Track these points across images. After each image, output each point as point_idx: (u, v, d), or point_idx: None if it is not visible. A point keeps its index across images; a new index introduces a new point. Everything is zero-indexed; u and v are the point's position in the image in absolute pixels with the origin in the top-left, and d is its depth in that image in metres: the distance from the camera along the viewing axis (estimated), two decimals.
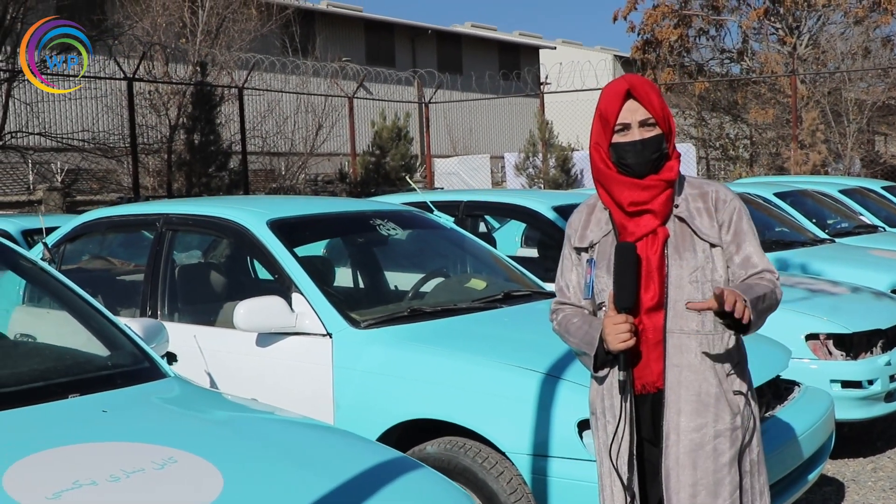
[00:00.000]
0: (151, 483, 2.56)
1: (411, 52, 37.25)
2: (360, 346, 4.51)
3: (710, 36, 28.46)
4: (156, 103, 18.42)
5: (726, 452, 2.93)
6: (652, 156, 2.93)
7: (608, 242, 3.01)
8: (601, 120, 2.98)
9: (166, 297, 5.21)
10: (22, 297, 5.18)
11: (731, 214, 2.98)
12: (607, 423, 3.02)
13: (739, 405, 2.97)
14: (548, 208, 7.05)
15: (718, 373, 2.93)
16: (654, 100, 2.94)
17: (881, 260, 8.81)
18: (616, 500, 3.02)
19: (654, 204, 2.93)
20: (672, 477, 2.93)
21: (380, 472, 2.87)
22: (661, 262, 2.92)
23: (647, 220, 2.94)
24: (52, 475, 2.52)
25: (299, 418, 3.50)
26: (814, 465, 4.87)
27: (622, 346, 2.85)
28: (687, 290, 2.91)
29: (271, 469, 2.78)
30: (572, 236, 3.13)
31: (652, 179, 2.93)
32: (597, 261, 3.02)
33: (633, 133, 2.93)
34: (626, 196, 2.94)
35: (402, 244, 5.82)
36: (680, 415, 2.92)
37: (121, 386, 3.35)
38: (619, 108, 2.94)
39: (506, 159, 22.45)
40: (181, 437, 2.95)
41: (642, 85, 2.96)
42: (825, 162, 18.83)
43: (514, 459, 4.02)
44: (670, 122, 2.99)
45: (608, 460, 3.00)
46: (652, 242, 2.92)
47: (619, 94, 2.95)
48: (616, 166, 2.97)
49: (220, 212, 5.25)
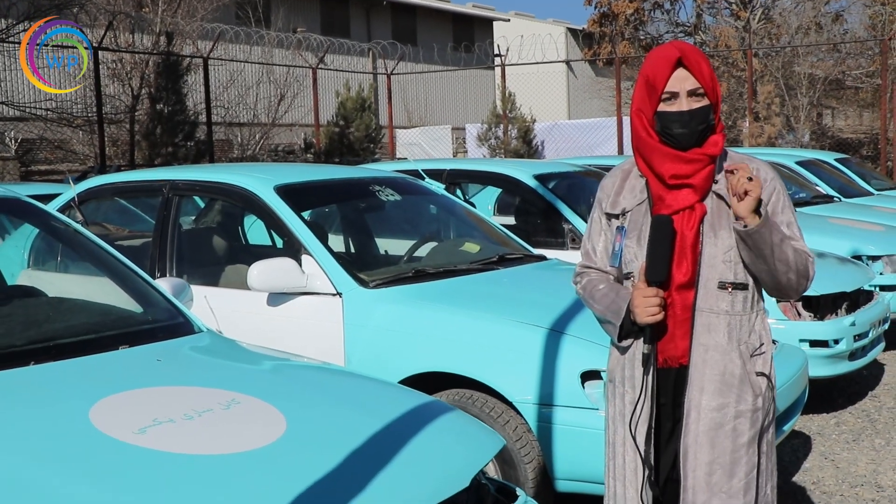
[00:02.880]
0: (221, 421, 2.81)
1: (366, 23, 37.13)
2: (370, 304, 4.76)
3: (665, 10, 28.86)
4: (119, 73, 18.37)
5: (745, 433, 2.89)
6: (699, 127, 2.81)
7: (641, 212, 2.93)
8: (647, 86, 2.84)
9: (174, 260, 5.41)
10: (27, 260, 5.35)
11: (770, 194, 2.88)
12: (625, 393, 2.96)
13: (762, 387, 2.92)
14: (529, 176, 7.33)
15: (743, 354, 2.88)
16: (705, 69, 2.82)
17: (840, 227, 9.23)
18: (628, 470, 2.96)
19: (695, 178, 2.83)
20: (690, 454, 2.89)
21: (420, 412, 3.14)
22: (697, 238, 2.84)
23: (685, 195, 2.84)
24: (132, 414, 2.76)
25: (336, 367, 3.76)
26: (789, 417, 5.20)
27: (650, 319, 2.80)
28: (719, 269, 2.84)
29: (327, 410, 3.04)
30: (604, 201, 3.02)
31: (695, 153, 2.82)
32: (628, 229, 2.93)
33: (681, 102, 2.80)
34: (668, 168, 2.83)
35: (398, 209, 6.06)
36: (702, 393, 2.87)
37: (163, 339, 3.58)
38: (667, 76, 2.80)
39: (467, 130, 22.69)
40: (237, 381, 3.20)
41: (693, 53, 2.82)
42: (780, 134, 19.30)
43: (520, 409, 4.31)
44: (717, 92, 2.87)
45: (623, 429, 2.96)
46: (689, 218, 2.84)
47: (669, 60, 2.81)
48: (659, 135, 2.85)
49: (227, 178, 5.46)
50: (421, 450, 2.92)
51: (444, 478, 2.84)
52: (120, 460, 2.49)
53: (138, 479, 2.42)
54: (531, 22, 43.49)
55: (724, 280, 2.84)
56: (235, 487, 2.47)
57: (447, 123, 27.02)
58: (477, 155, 20.54)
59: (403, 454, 2.84)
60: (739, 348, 2.87)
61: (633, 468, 2.95)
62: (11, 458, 2.42)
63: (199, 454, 2.58)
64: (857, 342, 6.70)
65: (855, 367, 6.79)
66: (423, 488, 2.76)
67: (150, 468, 2.47)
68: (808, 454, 5.97)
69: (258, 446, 2.67)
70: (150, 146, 15.98)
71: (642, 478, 2.93)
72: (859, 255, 8.37)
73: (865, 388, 7.40)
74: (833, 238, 8.49)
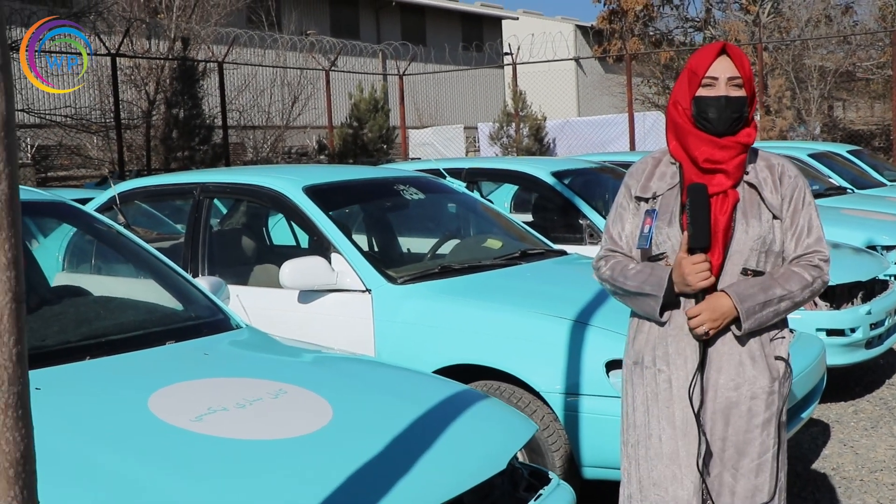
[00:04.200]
0: (272, 410, 2.96)
1: (376, 24, 37.30)
2: (398, 300, 4.91)
3: (675, 5, 28.95)
4: (135, 79, 18.58)
5: (760, 414, 2.95)
6: (733, 114, 2.91)
7: (673, 196, 3.00)
8: (689, 74, 2.97)
9: (206, 260, 5.57)
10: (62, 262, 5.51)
11: (793, 190, 2.98)
12: (658, 372, 3.00)
13: (779, 370, 2.99)
14: (547, 174, 7.47)
15: (762, 338, 2.95)
16: (746, 63, 2.95)
17: (854, 219, 9.36)
18: (667, 449, 3.00)
19: (728, 165, 2.91)
20: (706, 429, 2.96)
21: (457, 400, 3.29)
22: (728, 224, 2.91)
23: (719, 180, 2.92)
24: (187, 403, 2.92)
25: (372, 358, 3.91)
26: (807, 404, 5.32)
27: (704, 283, 2.85)
28: (746, 255, 2.93)
29: (369, 398, 3.20)
30: (633, 186, 3.09)
31: (729, 140, 2.92)
32: (659, 212, 2.99)
33: (720, 88, 2.91)
34: (703, 151, 2.92)
35: (421, 207, 6.20)
36: (720, 373, 2.94)
37: (206, 334, 3.74)
38: (710, 62, 2.93)
39: (479, 129, 22.84)
40: (282, 373, 3.36)
41: (736, 49, 2.98)
42: (791, 127, 19.40)
43: (547, 398, 4.45)
44: (754, 88, 2.97)
45: (657, 409, 3.00)
46: (722, 203, 2.91)
47: (713, 49, 2.95)
48: (695, 120, 2.95)
49: (257, 180, 5.61)
50: (460, 435, 3.07)
51: (482, 461, 3.00)
52: (182, 445, 2.65)
53: (201, 461, 2.58)
54: (540, 20, 43.59)
55: (748, 267, 2.92)
56: (291, 469, 2.63)
57: (457, 123, 27.17)
58: (489, 153, 20.69)
59: (444, 439, 2.99)
60: (760, 332, 2.94)
61: (674, 443, 2.98)
62: (85, 445, 2.57)
63: (253, 439, 2.74)
64: (874, 331, 6.81)
65: (871, 355, 6.90)
66: (463, 470, 2.91)
67: (209, 452, 2.63)
68: (827, 441, 6.09)
69: (308, 432, 2.83)
70: (167, 150, 16.18)
71: (697, 449, 2.95)
72: (874, 245, 8.51)
73: (882, 377, 7.52)
74: (847, 229, 8.61)
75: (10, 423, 1.51)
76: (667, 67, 27.61)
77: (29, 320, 3.57)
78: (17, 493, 1.53)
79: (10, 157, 1.48)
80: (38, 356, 3.15)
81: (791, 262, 2.99)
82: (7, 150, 1.48)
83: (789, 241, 2.99)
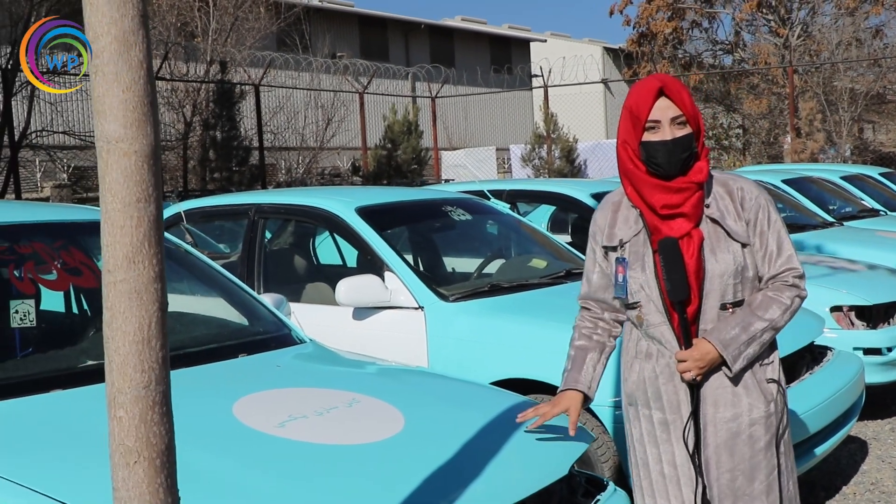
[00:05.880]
0: (347, 417, 3.15)
1: (405, 47, 37.71)
2: (451, 317, 5.09)
3: (703, 28, 29.13)
4: (172, 101, 18.94)
5: (762, 438, 3.00)
6: (682, 155, 2.90)
7: (640, 241, 3.02)
8: (631, 117, 2.95)
9: (261, 278, 5.77)
10: None
11: (756, 212, 2.99)
12: (653, 414, 3.07)
13: (773, 392, 3.03)
14: (587, 195, 7.64)
15: (753, 367, 3.00)
16: (686, 98, 2.94)
17: (889, 240, 9.47)
18: (671, 485, 3.06)
19: (685, 207, 2.92)
20: (712, 465, 3.00)
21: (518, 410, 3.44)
22: (699, 264, 2.93)
23: (680, 224, 2.93)
24: (269, 411, 3.10)
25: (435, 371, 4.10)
26: (846, 420, 5.45)
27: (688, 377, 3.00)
28: (722, 291, 2.96)
29: (437, 408, 3.39)
30: (597, 234, 3.14)
31: (682, 182, 2.92)
32: (630, 260, 3.03)
33: (665, 131, 2.91)
34: (658, 199, 2.92)
35: (468, 227, 6.39)
36: (716, 407, 2.99)
37: (274, 348, 3.94)
38: (650, 106, 2.90)
39: (511, 151, 23.07)
40: (353, 383, 3.55)
41: (674, 83, 2.94)
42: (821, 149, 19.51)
43: (596, 412, 4.60)
44: (699, 121, 2.96)
45: (655, 448, 3.07)
46: (688, 245, 2.93)
47: (650, 91, 2.91)
48: (645, 165, 2.95)
49: (311, 201, 5.82)
50: (523, 442, 3.24)
51: (546, 466, 3.17)
52: (270, 449, 2.83)
53: (290, 463, 2.77)
54: (568, 42, 43.85)
55: (726, 301, 2.97)
56: (370, 471, 2.81)
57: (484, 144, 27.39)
58: (521, 175, 20.90)
59: (509, 446, 3.16)
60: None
61: (676, 482, 3.05)
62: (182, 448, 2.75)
63: (334, 444, 2.93)
64: None
65: None
66: (529, 475, 3.08)
67: (297, 455, 2.82)
68: (865, 457, 6.20)
69: (383, 438, 3.01)
70: (204, 172, 16.46)
71: (694, 490, 3.01)
72: None
73: None
74: (883, 251, 8.73)
75: (157, 418, 1.70)
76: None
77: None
78: (163, 480, 1.72)
79: (157, 183, 1.67)
80: None
81: (767, 284, 3.02)
82: (154, 175, 1.67)
83: (762, 264, 3.01)
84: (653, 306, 3.00)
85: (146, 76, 1.56)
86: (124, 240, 1.59)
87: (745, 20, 27.68)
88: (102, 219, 1.64)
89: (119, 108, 1.54)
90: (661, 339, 3.02)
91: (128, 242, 1.59)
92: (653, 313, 3.01)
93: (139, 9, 1.54)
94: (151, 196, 1.67)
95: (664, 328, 3.01)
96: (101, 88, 1.55)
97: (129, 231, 1.59)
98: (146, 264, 1.62)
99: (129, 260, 1.59)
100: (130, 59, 1.54)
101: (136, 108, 1.56)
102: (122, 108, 1.54)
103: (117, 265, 1.60)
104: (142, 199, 1.60)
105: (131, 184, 1.57)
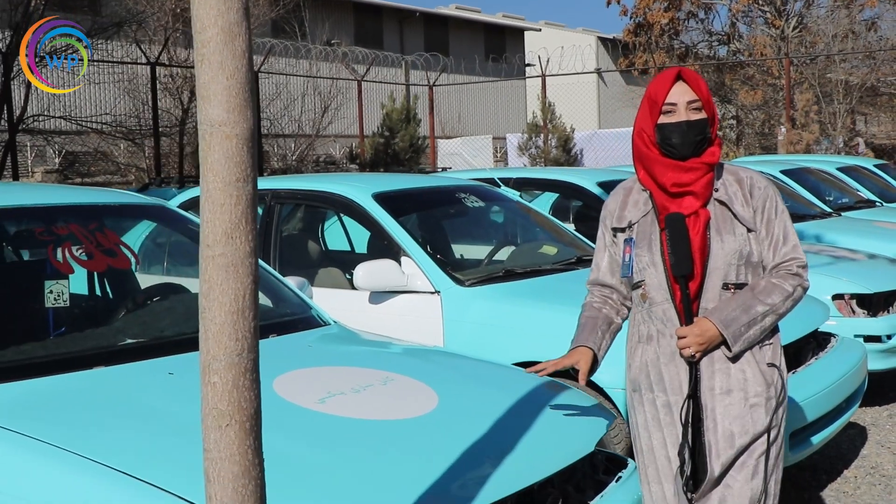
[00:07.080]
0: (383, 394, 3.27)
1: (399, 35, 37.69)
2: (466, 301, 5.20)
3: (700, 19, 29.24)
4: (170, 88, 18.99)
5: (761, 421, 3.04)
6: (696, 137, 3.01)
7: (648, 222, 3.11)
8: (649, 102, 3.08)
9: (278, 263, 5.88)
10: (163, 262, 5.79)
11: (764, 201, 3.07)
12: (656, 398, 3.11)
13: (773, 376, 3.08)
14: (593, 184, 7.76)
15: (752, 346, 3.05)
16: (702, 85, 3.06)
17: (886, 231, 9.63)
18: (673, 469, 3.11)
19: (696, 186, 3.02)
20: (713, 449, 3.04)
21: (544, 390, 3.58)
22: (704, 242, 3.01)
23: (689, 202, 3.02)
24: (308, 388, 3.22)
25: (459, 353, 4.21)
26: (849, 405, 5.58)
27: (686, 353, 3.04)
28: (725, 270, 3.02)
29: (468, 386, 3.51)
30: (608, 218, 3.24)
31: (694, 162, 3.02)
32: (637, 240, 3.12)
33: (680, 113, 3.02)
34: (669, 177, 3.03)
35: (479, 214, 6.51)
36: (715, 391, 3.04)
37: (302, 329, 4.04)
38: (668, 89, 3.04)
39: (508, 140, 23.16)
40: (384, 362, 3.67)
41: (691, 72, 3.08)
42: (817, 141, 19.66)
43: (610, 395, 4.72)
44: (714, 109, 3.07)
45: (659, 433, 3.11)
46: (694, 223, 3.01)
47: (670, 76, 3.05)
48: (660, 147, 3.06)
49: (328, 187, 5.93)
50: (550, 421, 3.36)
51: (573, 443, 3.29)
52: (314, 423, 2.95)
53: (333, 437, 2.89)
54: (562, 31, 43.88)
55: (728, 281, 3.03)
56: (409, 445, 2.93)
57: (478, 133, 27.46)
58: (517, 164, 20.99)
59: (537, 424, 3.28)
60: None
61: (667, 468, 3.11)
62: None
63: (373, 419, 3.05)
64: None
65: None
66: (557, 451, 3.20)
67: (339, 429, 2.94)
68: (864, 442, 6.34)
69: (419, 414, 3.13)
70: None
71: (682, 470, 3.06)
72: None
73: None
74: (881, 240, 8.89)
75: (248, 383, 1.81)
76: None
77: (141, 314, 3.90)
78: (252, 442, 1.83)
79: (254, 164, 1.78)
80: (162, 345, 3.46)
81: (770, 272, 3.07)
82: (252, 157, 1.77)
83: (767, 252, 3.07)
84: (656, 283, 3.07)
85: (247, 64, 1.67)
86: (224, 217, 1.70)
87: (741, 11, 27.80)
88: (202, 197, 1.75)
89: (223, 93, 1.65)
90: (664, 317, 3.08)
91: (227, 219, 1.70)
92: (656, 289, 3.08)
93: (242, 2, 1.64)
94: (249, 176, 1.77)
95: (667, 306, 3.06)
96: (206, 76, 1.66)
97: (228, 209, 1.70)
98: (242, 240, 1.73)
99: (227, 235, 1.70)
100: (234, 49, 1.64)
101: (239, 94, 1.67)
102: (225, 94, 1.65)
103: (216, 240, 1.71)
104: (241, 178, 1.71)
105: (231, 164, 1.68)
